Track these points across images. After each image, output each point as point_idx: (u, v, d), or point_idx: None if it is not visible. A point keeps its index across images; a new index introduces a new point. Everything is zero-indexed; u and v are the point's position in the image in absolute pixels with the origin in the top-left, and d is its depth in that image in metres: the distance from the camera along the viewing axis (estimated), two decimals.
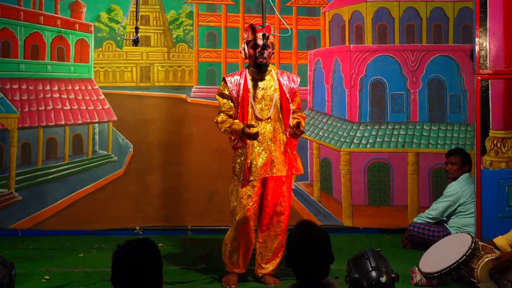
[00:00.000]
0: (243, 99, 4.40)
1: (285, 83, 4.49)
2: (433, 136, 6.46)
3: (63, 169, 6.33)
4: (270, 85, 4.46)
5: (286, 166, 4.47)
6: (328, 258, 2.59)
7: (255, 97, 4.42)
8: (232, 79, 4.46)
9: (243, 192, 4.42)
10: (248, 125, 4.26)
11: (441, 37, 6.54)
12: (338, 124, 6.54)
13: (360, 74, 6.50)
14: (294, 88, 4.52)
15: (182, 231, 6.26)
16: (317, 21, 6.60)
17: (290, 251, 2.63)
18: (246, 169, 4.38)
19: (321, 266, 2.56)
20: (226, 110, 4.45)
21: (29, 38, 6.30)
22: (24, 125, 6.24)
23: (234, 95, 4.42)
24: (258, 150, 4.39)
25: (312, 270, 2.55)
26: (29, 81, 6.30)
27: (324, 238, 2.62)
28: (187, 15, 6.51)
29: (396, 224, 6.31)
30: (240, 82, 4.43)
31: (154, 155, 6.37)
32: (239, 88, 4.41)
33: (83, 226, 6.22)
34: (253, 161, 4.38)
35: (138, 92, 6.45)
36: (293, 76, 4.59)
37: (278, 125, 4.46)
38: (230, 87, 4.42)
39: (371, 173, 6.48)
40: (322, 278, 2.56)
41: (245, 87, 4.41)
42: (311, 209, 6.47)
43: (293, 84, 4.53)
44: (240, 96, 4.41)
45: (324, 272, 2.57)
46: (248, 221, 4.43)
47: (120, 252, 2.30)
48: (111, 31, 6.41)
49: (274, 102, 4.43)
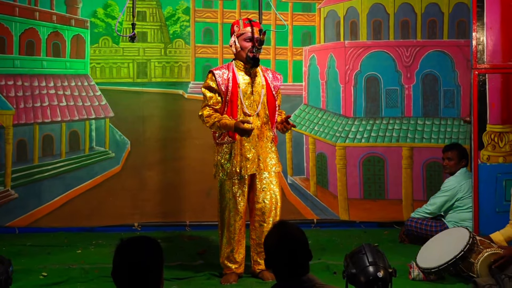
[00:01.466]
0: (232, 94, 4.31)
1: (269, 80, 4.43)
2: (427, 130, 6.45)
3: (59, 166, 6.24)
4: (258, 81, 4.39)
5: (273, 162, 4.41)
6: (306, 255, 2.59)
7: (244, 93, 4.32)
8: (220, 72, 4.35)
9: (234, 190, 4.36)
10: (242, 121, 4.16)
11: (435, 33, 6.50)
12: (333, 119, 6.51)
13: (355, 70, 6.47)
14: (278, 85, 4.48)
15: (180, 227, 6.19)
16: (313, 17, 6.56)
17: (269, 252, 2.61)
18: (236, 165, 4.30)
19: (300, 263, 2.56)
20: (212, 104, 4.33)
21: (24, 34, 6.18)
22: (19, 121, 6.13)
23: (223, 89, 4.31)
24: (247, 146, 4.31)
25: (292, 269, 2.54)
26: (24, 77, 6.20)
27: (301, 236, 2.61)
28: (183, 11, 6.43)
29: (391, 217, 6.32)
30: (228, 77, 4.33)
31: (152, 151, 6.31)
32: (228, 83, 4.31)
33: (80, 223, 6.13)
34: (242, 157, 4.30)
35: (135, 88, 6.38)
36: (276, 74, 4.55)
37: (265, 121, 4.39)
38: (218, 81, 4.31)
39: (366, 167, 6.46)
40: (303, 275, 2.55)
41: (234, 81, 4.31)
42: (308, 203, 6.45)
43: (277, 81, 4.49)
44: (229, 91, 4.30)
45: (305, 269, 2.56)
46: (240, 219, 4.40)
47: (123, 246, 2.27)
48: (108, 27, 6.31)
49: (261, 98, 4.35)
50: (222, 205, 4.40)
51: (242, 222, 4.41)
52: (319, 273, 4.50)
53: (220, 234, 4.48)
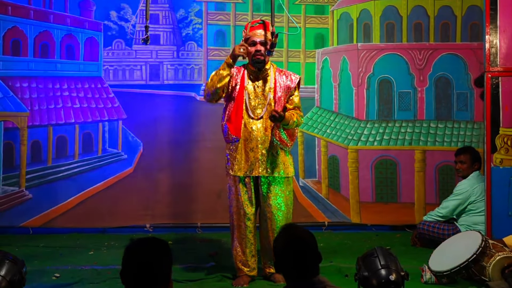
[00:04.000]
0: (239, 94, 4.29)
1: (282, 82, 4.34)
2: (440, 134, 6.36)
3: (73, 167, 6.24)
4: (267, 84, 4.34)
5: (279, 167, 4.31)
6: (316, 257, 2.54)
7: (250, 95, 4.29)
8: (235, 70, 4.36)
9: (238, 191, 4.32)
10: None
11: (448, 36, 6.43)
12: (346, 122, 6.46)
13: (368, 73, 6.41)
14: (291, 86, 4.37)
15: (191, 228, 6.18)
16: (326, 20, 6.52)
17: (278, 255, 2.58)
18: (238, 166, 4.26)
19: (309, 265, 2.52)
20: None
21: (39, 36, 6.19)
22: (34, 123, 6.13)
23: (233, 83, 4.32)
24: (249, 146, 4.26)
25: (302, 271, 2.50)
26: (39, 80, 6.20)
27: (308, 238, 2.57)
28: (196, 14, 6.43)
29: (403, 220, 6.26)
30: (238, 76, 4.33)
31: (164, 153, 6.28)
32: (237, 81, 4.31)
33: (93, 224, 6.13)
34: (242, 157, 4.26)
35: (147, 90, 6.37)
36: (292, 75, 4.44)
37: (268, 125, 4.30)
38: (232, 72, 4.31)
39: (378, 170, 6.40)
40: (313, 277, 2.50)
41: (242, 83, 4.31)
42: (319, 206, 6.39)
43: (291, 83, 4.37)
44: (236, 90, 4.29)
45: (314, 271, 2.52)
46: (248, 221, 4.34)
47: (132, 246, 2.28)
48: (121, 30, 6.32)
49: (268, 101, 4.29)
50: (231, 207, 4.38)
51: (250, 224, 4.34)
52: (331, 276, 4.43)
53: (231, 236, 4.44)
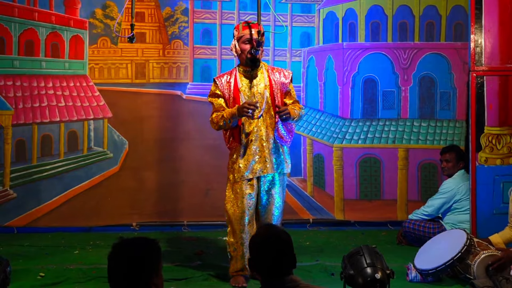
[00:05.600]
0: (234, 99, 4.20)
1: (276, 79, 4.27)
2: (423, 132, 6.36)
3: (58, 166, 6.13)
4: (261, 82, 4.25)
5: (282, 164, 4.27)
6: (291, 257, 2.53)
7: (246, 96, 4.21)
8: (222, 79, 4.28)
9: (241, 193, 4.22)
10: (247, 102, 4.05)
11: (433, 35, 6.40)
12: (331, 120, 6.42)
13: (353, 72, 6.37)
14: (285, 82, 4.31)
15: (177, 226, 6.10)
16: (312, 18, 6.46)
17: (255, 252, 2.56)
18: (242, 168, 4.18)
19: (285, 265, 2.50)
20: (219, 109, 4.25)
21: (23, 34, 6.08)
22: (18, 122, 6.03)
23: (226, 95, 4.22)
24: (252, 148, 4.19)
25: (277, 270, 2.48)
26: (23, 78, 6.09)
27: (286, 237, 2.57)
28: (182, 12, 6.34)
29: (385, 217, 6.26)
30: (230, 82, 4.23)
31: (150, 152, 6.21)
32: (230, 87, 4.22)
33: (79, 223, 6.03)
34: (248, 160, 4.18)
35: (133, 89, 6.28)
36: (284, 71, 4.38)
37: (269, 123, 4.23)
38: (221, 88, 4.23)
39: (363, 168, 6.38)
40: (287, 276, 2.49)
41: (235, 86, 4.22)
42: (304, 203, 6.35)
43: (285, 79, 4.31)
44: (231, 96, 4.20)
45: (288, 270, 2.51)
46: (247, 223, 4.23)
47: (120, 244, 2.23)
48: (106, 28, 6.21)
49: (265, 99, 4.20)
50: (229, 210, 4.24)
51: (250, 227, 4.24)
52: (317, 274, 4.43)
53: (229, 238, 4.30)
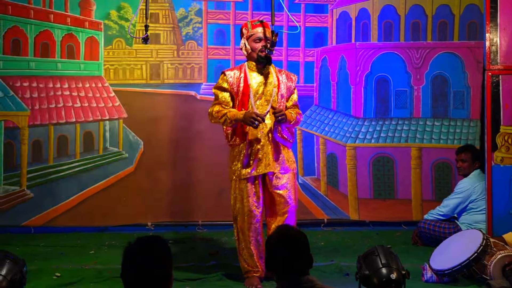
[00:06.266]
0: (244, 94, 4.13)
1: (283, 81, 4.23)
2: (436, 131, 6.31)
3: (74, 166, 6.15)
4: (270, 81, 4.19)
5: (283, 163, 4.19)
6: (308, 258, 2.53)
7: (255, 93, 4.15)
8: (232, 73, 4.19)
9: (245, 191, 4.15)
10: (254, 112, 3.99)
11: (446, 34, 6.35)
12: (344, 119, 6.40)
13: (365, 71, 6.35)
14: (291, 86, 4.28)
15: (192, 226, 6.10)
16: (325, 19, 6.45)
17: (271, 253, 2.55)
18: (246, 166, 4.12)
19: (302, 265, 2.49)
20: (222, 103, 4.17)
21: (39, 36, 6.09)
22: (35, 122, 6.03)
23: (235, 89, 4.15)
24: (257, 146, 4.12)
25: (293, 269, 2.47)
26: (39, 79, 6.09)
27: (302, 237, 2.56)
28: (196, 13, 6.35)
29: (400, 217, 6.20)
30: (240, 77, 4.16)
31: (164, 152, 6.20)
32: (239, 83, 4.15)
33: (94, 222, 6.04)
34: (251, 158, 4.12)
35: (148, 90, 6.29)
36: (290, 75, 4.34)
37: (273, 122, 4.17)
38: (230, 81, 4.15)
39: (376, 167, 6.35)
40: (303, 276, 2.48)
41: (245, 82, 4.14)
42: (318, 203, 6.33)
43: (291, 82, 4.29)
44: (241, 91, 4.14)
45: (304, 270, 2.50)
46: (255, 222, 4.16)
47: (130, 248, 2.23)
48: (121, 29, 6.22)
49: (272, 98, 4.15)
50: (235, 209, 4.19)
51: (259, 225, 4.19)
52: (332, 275, 4.40)
53: (237, 238, 4.27)
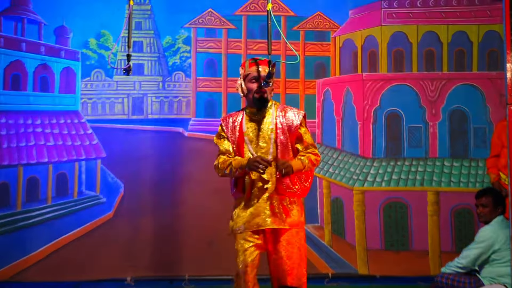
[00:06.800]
0: (238, 145, 3.84)
1: (283, 121, 3.86)
2: (455, 173, 6.03)
3: (45, 212, 5.94)
4: (267, 125, 3.85)
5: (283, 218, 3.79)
6: None
7: (251, 141, 3.82)
8: (229, 120, 3.92)
9: (243, 246, 3.78)
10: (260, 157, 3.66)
11: (463, 64, 6.21)
12: (350, 160, 6.15)
13: (374, 105, 6.15)
14: (292, 125, 3.86)
15: (178, 281, 5.79)
16: (327, 47, 6.30)
17: None
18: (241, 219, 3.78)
19: None
20: (226, 152, 3.89)
21: (9, 67, 5.96)
22: (2, 163, 5.86)
23: (231, 138, 3.88)
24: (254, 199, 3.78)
25: None
26: (9, 114, 5.93)
27: None
28: (184, 41, 6.23)
29: (416, 271, 5.87)
30: (235, 124, 3.88)
31: (147, 196, 5.98)
32: (235, 130, 3.87)
33: (67, 277, 5.76)
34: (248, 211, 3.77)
35: (130, 126, 6.15)
36: (295, 113, 3.92)
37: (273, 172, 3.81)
38: (225, 129, 3.90)
39: (387, 214, 6.06)
40: None
41: (240, 131, 3.85)
42: (322, 254, 6.03)
43: (292, 121, 3.87)
44: (236, 141, 3.84)
45: None
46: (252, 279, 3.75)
47: None
48: (101, 59, 6.11)
49: (271, 145, 3.81)
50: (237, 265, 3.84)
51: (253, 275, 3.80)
52: None
53: None
